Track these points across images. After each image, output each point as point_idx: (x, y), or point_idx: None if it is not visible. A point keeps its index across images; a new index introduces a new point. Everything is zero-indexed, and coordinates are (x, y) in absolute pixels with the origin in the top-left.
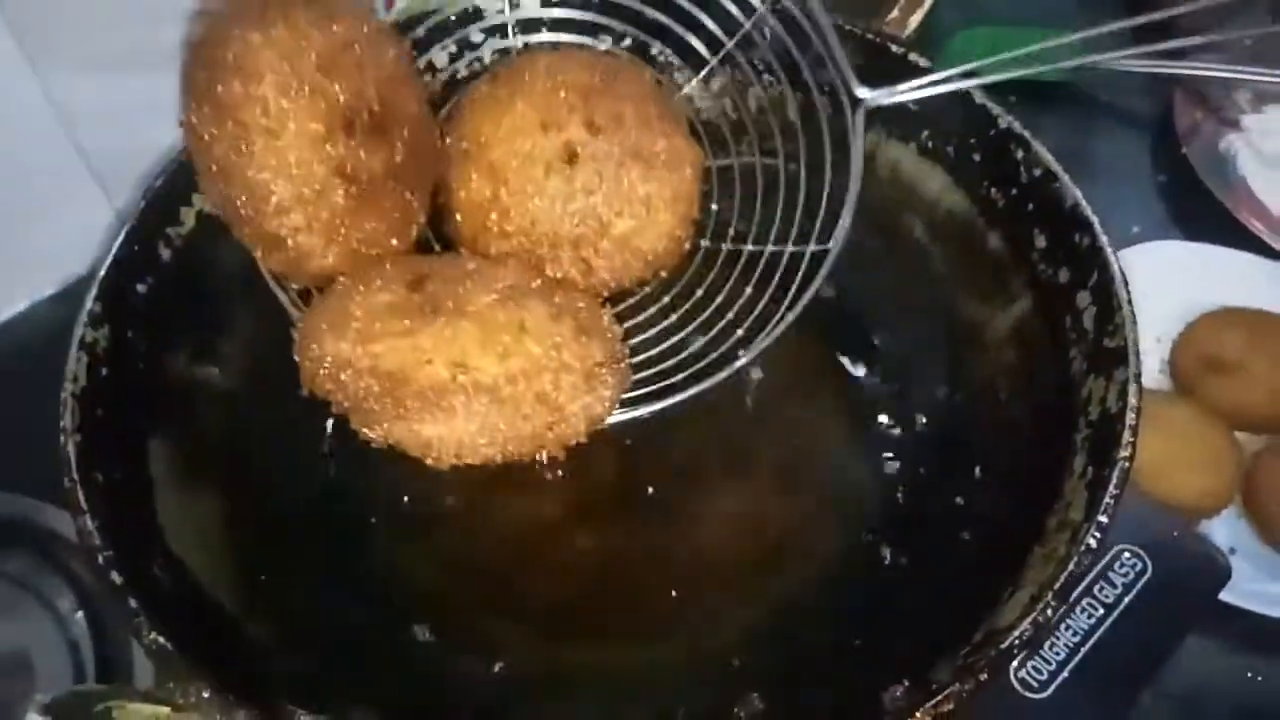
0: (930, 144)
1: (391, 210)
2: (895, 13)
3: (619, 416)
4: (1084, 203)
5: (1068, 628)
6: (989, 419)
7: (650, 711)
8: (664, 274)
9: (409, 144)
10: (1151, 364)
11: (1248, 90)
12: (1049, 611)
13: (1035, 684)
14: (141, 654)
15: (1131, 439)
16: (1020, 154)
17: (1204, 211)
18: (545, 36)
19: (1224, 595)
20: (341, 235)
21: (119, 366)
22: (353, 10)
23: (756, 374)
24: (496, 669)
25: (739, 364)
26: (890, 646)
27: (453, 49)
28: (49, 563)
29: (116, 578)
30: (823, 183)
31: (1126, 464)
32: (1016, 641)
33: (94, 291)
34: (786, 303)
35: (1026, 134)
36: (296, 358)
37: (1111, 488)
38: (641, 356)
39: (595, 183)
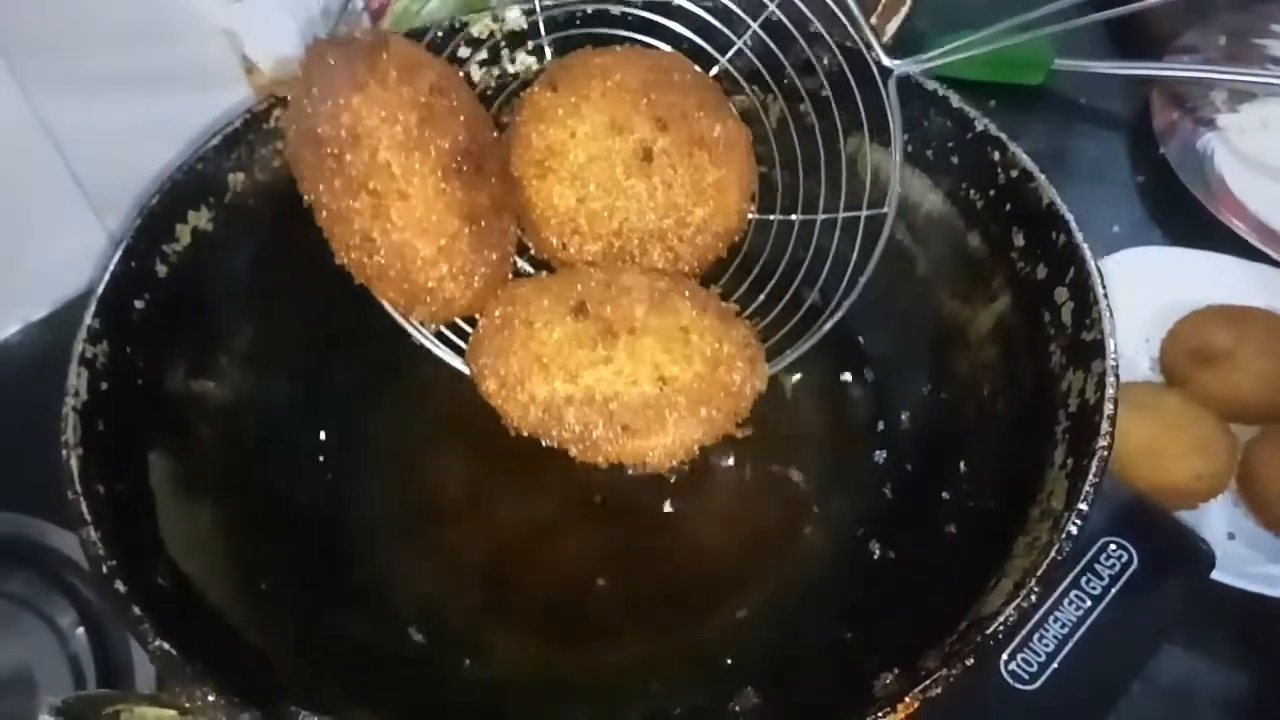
0: (910, 148)
1: (500, 237)
2: (874, 19)
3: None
4: (1059, 201)
5: (1056, 620)
6: (973, 414)
7: (647, 711)
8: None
9: (498, 173)
10: (1142, 364)
11: (1223, 89)
12: (1032, 597)
13: (1026, 676)
14: (142, 668)
15: (1110, 429)
16: (997, 156)
17: (1182, 210)
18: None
19: (1225, 578)
20: (473, 274)
21: (118, 381)
22: (422, 52)
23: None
24: (493, 671)
25: (835, 317)
26: (880, 637)
27: None
28: (49, 580)
29: (121, 586)
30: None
31: (1105, 453)
32: (1001, 627)
33: (93, 308)
34: (852, 265)
35: (1003, 136)
36: (494, 404)
37: (1091, 476)
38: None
39: (672, 175)
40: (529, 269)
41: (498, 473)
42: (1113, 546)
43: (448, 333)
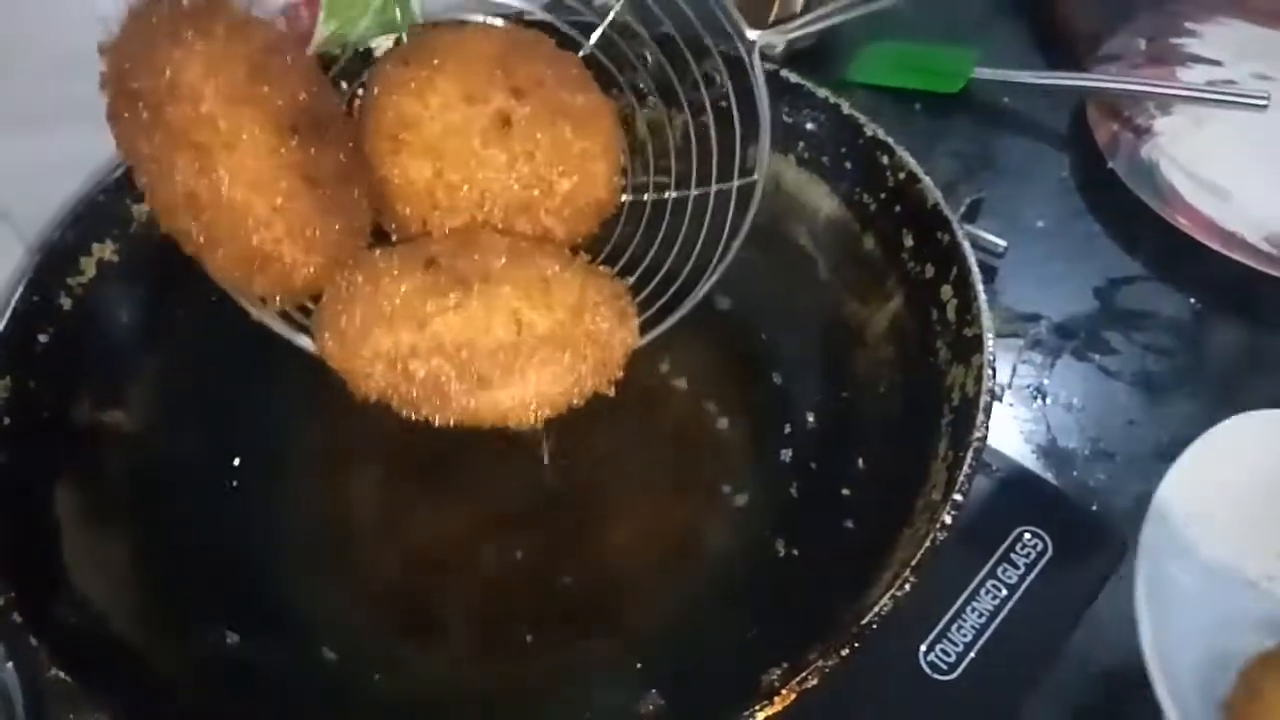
0: (807, 155)
1: (349, 210)
2: (771, 17)
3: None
4: (943, 202)
5: (974, 610)
6: (871, 412)
7: (559, 717)
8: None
9: (342, 141)
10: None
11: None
12: (906, 587)
13: (944, 666)
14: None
15: (985, 420)
16: (886, 159)
17: (1110, 203)
18: None
19: None
20: (317, 240)
21: (22, 415)
22: (260, 20)
23: (682, 384)
24: (407, 686)
25: (707, 285)
26: (779, 634)
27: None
28: None
29: (16, 618)
30: (733, 129)
31: (980, 444)
32: (877, 617)
33: None
34: (726, 233)
35: (890, 140)
36: (338, 368)
37: (965, 468)
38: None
39: (533, 145)
40: None
41: (411, 490)
42: (1028, 536)
43: (297, 314)
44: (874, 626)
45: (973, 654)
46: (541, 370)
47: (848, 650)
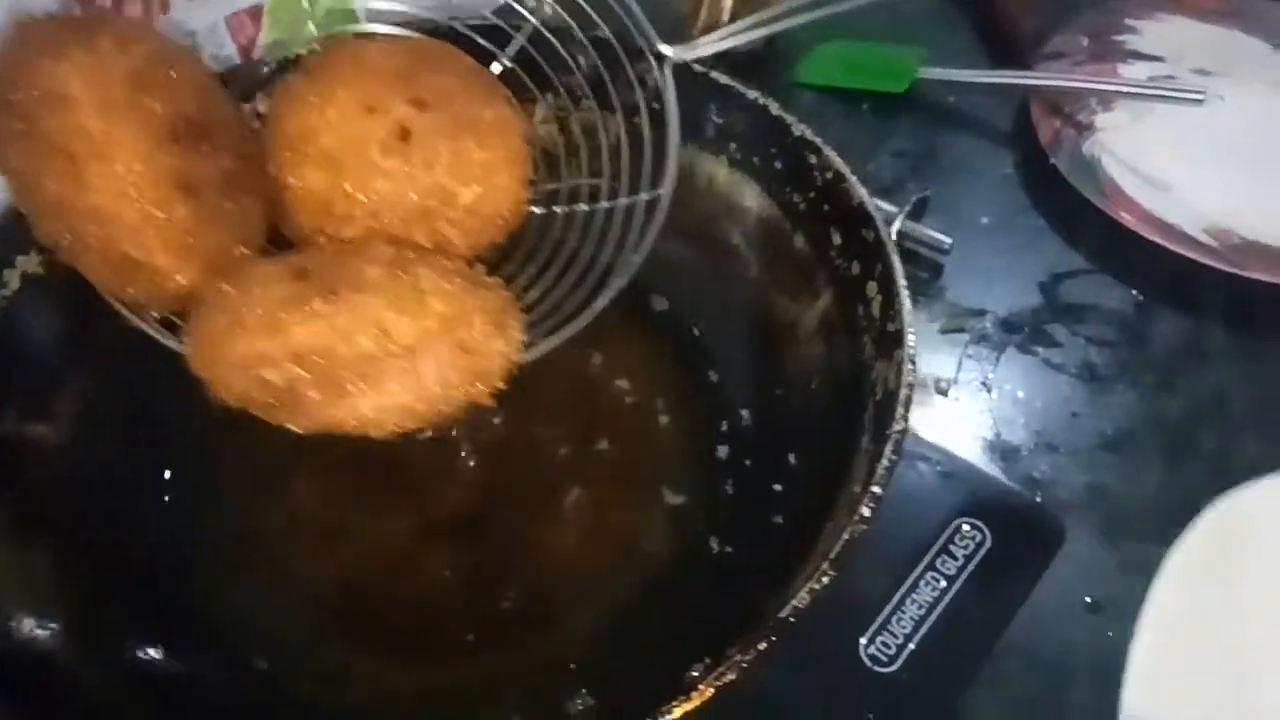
0: (739, 156)
1: (234, 219)
2: (696, 29)
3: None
4: (868, 200)
5: (913, 602)
6: (802, 408)
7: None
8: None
9: (234, 150)
10: None
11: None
12: (825, 580)
13: (884, 659)
14: None
15: (904, 413)
16: (814, 159)
17: (1053, 199)
18: None
19: None
20: (193, 249)
21: None
22: (149, 31)
23: (623, 384)
24: (341, 695)
25: (610, 294)
26: (708, 631)
27: None
28: None
29: None
30: (642, 144)
31: (899, 437)
32: (794, 611)
33: None
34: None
35: (818, 140)
36: (200, 373)
37: (885, 460)
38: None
39: (433, 156)
40: None
41: (347, 498)
42: (966, 527)
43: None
44: (791, 620)
45: (913, 645)
46: (403, 379)
47: (765, 644)
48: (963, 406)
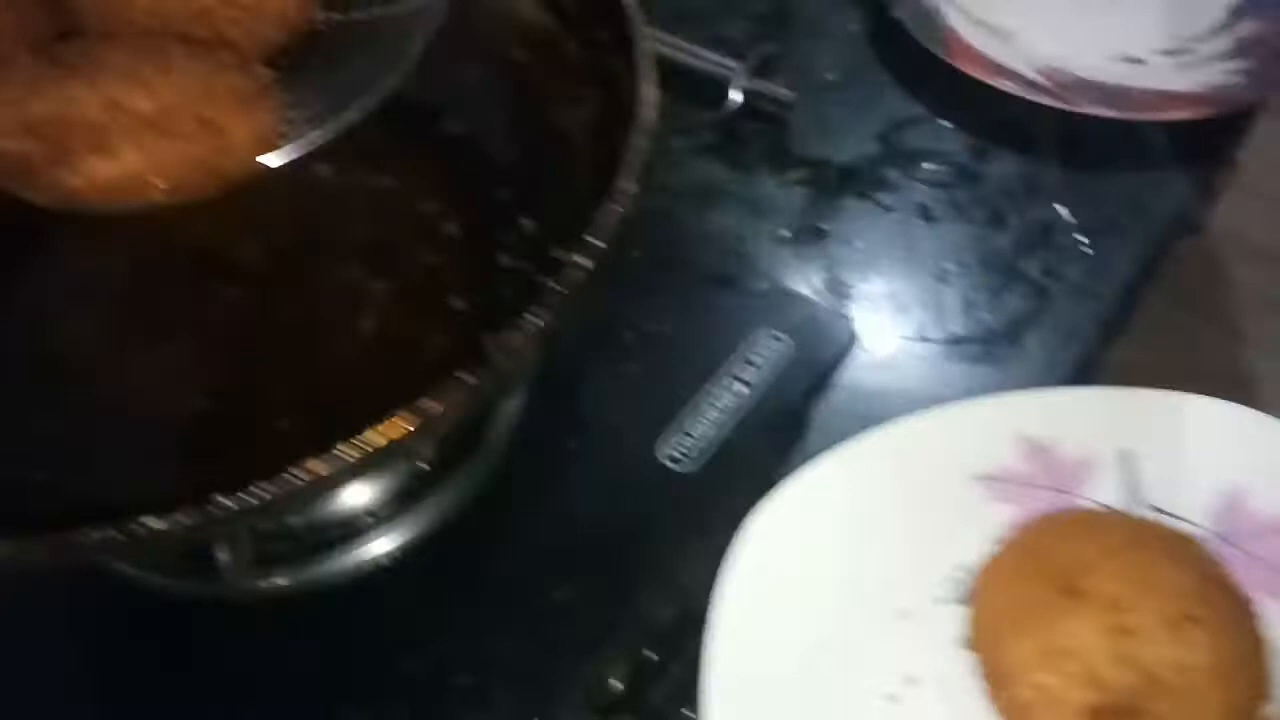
0: None
1: (11, 19)
2: None
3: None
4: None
5: (712, 406)
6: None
7: None
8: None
9: None
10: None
11: None
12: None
13: (683, 458)
14: None
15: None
16: None
17: (900, 57)
18: None
19: None
20: None
21: None
22: None
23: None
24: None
25: (374, 98)
26: None
27: None
28: None
29: None
30: None
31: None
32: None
33: None
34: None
35: None
36: None
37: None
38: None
39: None
40: None
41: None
42: (769, 338)
43: None
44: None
45: (715, 449)
46: (140, 149)
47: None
48: (800, 252)
